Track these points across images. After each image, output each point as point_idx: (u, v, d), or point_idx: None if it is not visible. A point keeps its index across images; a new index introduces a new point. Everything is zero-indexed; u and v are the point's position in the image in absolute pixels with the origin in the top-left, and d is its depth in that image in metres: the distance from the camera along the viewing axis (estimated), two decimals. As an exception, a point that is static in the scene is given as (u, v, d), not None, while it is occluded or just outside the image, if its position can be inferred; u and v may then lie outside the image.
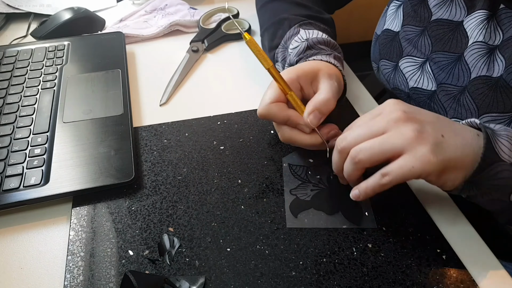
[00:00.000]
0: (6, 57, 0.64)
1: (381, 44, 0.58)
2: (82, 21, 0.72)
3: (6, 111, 0.54)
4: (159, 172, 0.47)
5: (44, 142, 0.49)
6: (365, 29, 1.18)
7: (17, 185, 0.44)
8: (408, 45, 0.53)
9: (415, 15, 0.52)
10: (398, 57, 0.55)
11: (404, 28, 0.54)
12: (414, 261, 0.39)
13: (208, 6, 0.81)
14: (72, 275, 0.38)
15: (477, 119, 0.39)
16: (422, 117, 0.37)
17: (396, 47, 0.55)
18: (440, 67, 0.49)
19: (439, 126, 0.37)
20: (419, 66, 0.52)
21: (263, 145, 0.51)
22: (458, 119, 0.48)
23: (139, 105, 0.58)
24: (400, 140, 0.36)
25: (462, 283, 0.37)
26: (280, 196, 0.45)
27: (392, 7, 0.57)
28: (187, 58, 0.66)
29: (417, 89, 0.52)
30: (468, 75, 0.46)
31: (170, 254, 0.39)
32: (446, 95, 0.49)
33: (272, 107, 0.44)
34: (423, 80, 0.51)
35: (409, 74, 0.53)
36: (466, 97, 0.46)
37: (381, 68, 0.58)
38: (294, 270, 0.38)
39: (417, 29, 0.52)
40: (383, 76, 0.58)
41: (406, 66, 0.54)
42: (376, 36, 0.60)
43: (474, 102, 0.46)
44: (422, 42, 0.51)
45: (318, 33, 0.54)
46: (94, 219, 0.43)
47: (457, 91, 0.47)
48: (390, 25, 0.57)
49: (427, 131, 0.36)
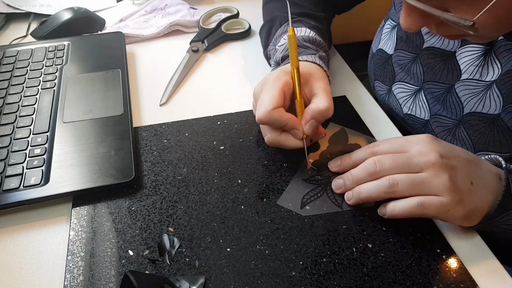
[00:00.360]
0: (6, 57, 0.64)
1: (375, 65, 0.58)
2: (82, 21, 0.72)
3: (6, 111, 0.54)
4: (159, 172, 0.47)
5: (44, 142, 0.49)
6: (365, 29, 1.18)
7: (17, 185, 0.44)
8: (400, 71, 0.53)
9: (408, 41, 0.51)
10: (391, 81, 0.55)
11: (397, 53, 0.53)
12: (414, 261, 0.39)
13: (208, 6, 0.81)
14: (72, 275, 0.38)
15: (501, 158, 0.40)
16: (455, 162, 0.39)
17: (389, 71, 0.54)
18: (434, 98, 0.48)
19: (469, 172, 0.39)
20: (412, 94, 0.51)
21: (263, 145, 0.51)
22: None
23: (139, 105, 0.58)
24: (438, 184, 0.38)
25: (462, 283, 0.37)
26: (280, 196, 0.45)
27: (388, 26, 0.56)
28: (187, 58, 0.66)
29: (411, 116, 0.52)
30: (461, 109, 0.45)
31: (170, 254, 0.39)
32: (441, 126, 0.48)
33: (274, 113, 0.43)
34: (416, 108, 0.51)
35: (402, 100, 0.53)
36: (462, 132, 0.46)
37: (376, 89, 0.58)
38: (294, 270, 0.38)
39: (409, 55, 0.51)
40: (379, 96, 0.58)
41: (399, 92, 0.53)
42: (371, 53, 0.60)
43: (469, 137, 0.45)
44: (415, 70, 0.51)
45: (306, 30, 0.54)
46: (94, 219, 0.43)
47: (452, 124, 0.47)
48: (384, 45, 0.56)
49: (459, 179, 0.38)
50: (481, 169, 0.39)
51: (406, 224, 0.42)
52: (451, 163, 0.38)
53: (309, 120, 0.44)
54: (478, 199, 0.38)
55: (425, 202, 0.38)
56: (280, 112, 0.44)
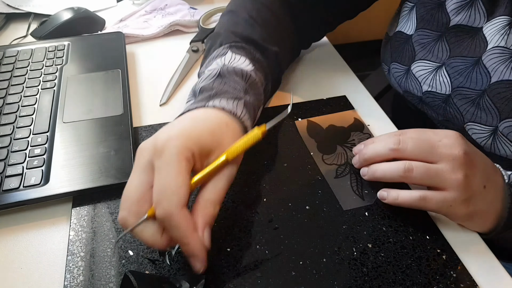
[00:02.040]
0: (6, 57, 0.64)
1: (392, 47, 0.56)
2: (82, 21, 0.72)
3: (6, 111, 0.54)
4: (159, 172, 0.47)
5: (44, 142, 0.49)
6: (365, 29, 1.18)
7: (17, 185, 0.44)
8: (421, 50, 0.52)
9: (431, 19, 0.50)
10: (410, 61, 0.54)
11: (418, 32, 0.52)
12: (414, 261, 0.39)
13: (208, 6, 0.81)
14: (72, 275, 0.38)
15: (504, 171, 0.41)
16: (476, 162, 0.39)
17: (409, 51, 0.54)
18: (457, 71, 0.48)
19: (485, 176, 0.39)
20: (432, 70, 0.51)
21: (263, 145, 0.51)
22: (476, 123, 0.48)
23: (139, 105, 0.58)
24: (451, 179, 0.38)
25: (462, 283, 0.37)
26: (280, 196, 0.45)
27: (405, 8, 0.55)
28: (187, 58, 0.66)
29: (431, 92, 0.52)
30: (488, 79, 0.45)
31: (170, 254, 0.39)
32: (463, 98, 0.48)
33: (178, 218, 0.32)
34: (437, 84, 0.50)
35: (422, 78, 0.52)
36: (486, 101, 0.46)
37: (392, 71, 0.57)
38: (294, 270, 0.38)
39: (433, 33, 0.51)
40: (394, 79, 0.57)
41: (418, 70, 0.53)
42: (387, 37, 0.58)
43: (495, 105, 0.45)
44: (439, 48, 0.50)
45: (244, 60, 0.45)
46: (94, 219, 0.43)
47: (476, 95, 0.47)
48: (403, 27, 0.55)
49: (474, 179, 0.38)
50: (497, 177, 0.40)
51: (406, 224, 0.42)
52: (473, 162, 0.39)
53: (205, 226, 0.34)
54: (486, 204, 0.39)
55: (427, 196, 0.39)
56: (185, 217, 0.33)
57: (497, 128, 0.46)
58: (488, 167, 0.40)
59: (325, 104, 0.56)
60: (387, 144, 0.41)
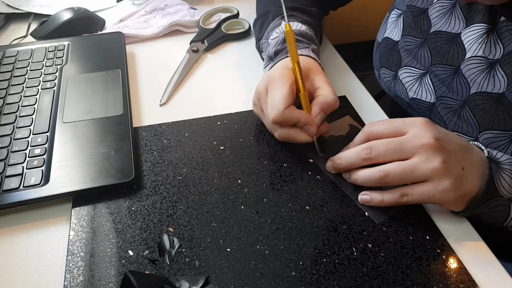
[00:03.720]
0: (6, 57, 0.64)
1: (381, 52, 0.58)
2: (82, 21, 0.72)
3: (6, 111, 0.54)
4: (159, 172, 0.47)
5: (44, 142, 0.49)
6: (365, 29, 1.18)
7: (17, 185, 0.44)
8: (407, 56, 0.53)
9: (416, 26, 0.52)
10: (397, 66, 0.55)
11: (404, 39, 0.54)
12: (414, 261, 0.39)
13: (208, 6, 0.81)
14: (72, 275, 0.38)
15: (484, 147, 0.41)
16: (449, 145, 0.39)
17: (395, 56, 0.55)
18: (440, 80, 0.49)
19: (461, 157, 0.39)
20: (417, 78, 0.52)
21: (263, 145, 0.51)
22: (458, 133, 0.48)
23: (139, 105, 0.58)
24: (429, 170, 0.38)
25: (462, 283, 0.37)
26: (280, 196, 0.45)
27: (393, 15, 0.57)
28: (187, 58, 0.66)
29: (416, 100, 0.52)
30: (467, 89, 0.46)
31: (170, 254, 0.39)
32: (446, 108, 0.49)
33: (287, 112, 0.45)
34: (422, 91, 0.51)
35: (408, 84, 0.53)
36: (467, 112, 0.46)
37: (381, 76, 0.58)
38: (294, 270, 0.38)
39: (417, 40, 0.52)
40: (384, 84, 0.58)
41: (405, 76, 0.54)
42: (377, 43, 0.60)
43: (474, 117, 0.46)
44: (422, 54, 0.51)
45: (298, 24, 0.55)
46: (94, 219, 0.43)
47: (457, 105, 0.47)
48: (390, 33, 0.56)
49: (451, 163, 0.38)
50: (473, 155, 0.40)
51: (406, 224, 0.42)
52: (445, 146, 0.39)
53: (319, 112, 0.46)
54: (468, 184, 0.39)
55: (408, 193, 0.40)
56: (293, 110, 0.45)
57: (477, 140, 0.47)
58: (463, 147, 0.40)
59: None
60: (359, 154, 0.42)
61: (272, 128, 0.49)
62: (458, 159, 0.39)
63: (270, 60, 0.54)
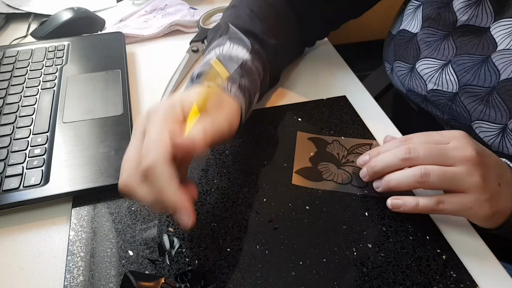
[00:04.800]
0: (6, 57, 0.64)
1: (396, 45, 0.56)
2: (82, 21, 0.72)
3: (6, 111, 0.54)
4: (159, 172, 0.47)
5: (44, 142, 0.49)
6: (365, 29, 1.18)
7: (17, 185, 0.44)
8: (427, 48, 0.52)
9: (438, 18, 0.50)
10: (415, 59, 0.53)
11: (424, 30, 0.52)
12: (414, 261, 0.39)
13: (208, 6, 0.81)
14: (72, 275, 0.38)
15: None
16: (488, 161, 0.39)
17: (413, 49, 0.53)
18: (464, 69, 0.48)
19: (498, 173, 0.39)
20: (438, 68, 0.50)
21: (263, 145, 0.51)
22: (484, 121, 0.47)
23: (139, 105, 0.58)
24: (469, 181, 0.38)
25: (462, 283, 0.37)
26: (280, 196, 0.45)
27: (410, 6, 0.55)
28: (187, 58, 0.66)
29: (436, 91, 0.51)
30: (497, 76, 0.45)
31: (170, 254, 0.39)
32: (471, 96, 0.48)
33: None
34: (443, 82, 0.50)
35: (427, 76, 0.52)
36: (496, 98, 0.45)
37: (395, 70, 0.57)
38: (294, 270, 0.38)
39: (439, 32, 0.50)
40: (397, 78, 0.57)
41: (424, 68, 0.52)
42: (390, 36, 0.58)
43: (505, 103, 0.45)
44: (446, 46, 0.50)
45: (242, 50, 0.46)
46: (94, 219, 0.43)
47: (484, 92, 0.46)
48: (407, 25, 0.54)
49: (490, 178, 0.38)
50: (507, 172, 0.40)
51: (406, 224, 0.42)
52: (485, 161, 0.39)
53: None
54: (505, 200, 0.39)
55: (445, 200, 0.39)
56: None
57: (507, 126, 0.46)
58: (499, 164, 0.40)
59: (325, 104, 0.56)
60: (397, 154, 0.40)
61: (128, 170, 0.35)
62: (495, 174, 0.39)
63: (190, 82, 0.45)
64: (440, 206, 0.39)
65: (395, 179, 0.40)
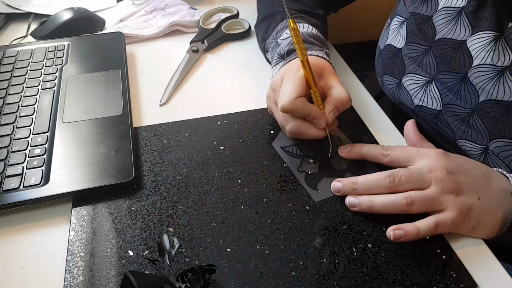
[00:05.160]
0: (6, 57, 0.64)
1: (383, 59, 0.57)
2: (82, 21, 0.72)
3: (6, 111, 0.54)
4: (159, 172, 0.47)
5: (44, 142, 0.49)
6: (365, 29, 1.18)
7: (17, 185, 0.44)
8: (411, 63, 0.53)
9: (420, 34, 0.51)
10: (401, 74, 0.54)
11: (408, 46, 0.53)
12: (414, 261, 0.39)
13: (208, 6, 0.81)
14: (72, 275, 0.38)
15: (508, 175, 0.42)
16: (462, 178, 0.41)
17: (399, 64, 0.54)
18: (447, 88, 0.48)
19: (477, 187, 0.41)
20: (422, 85, 0.51)
21: (263, 145, 0.51)
22: (467, 141, 0.48)
23: (139, 105, 0.58)
24: (446, 201, 0.40)
25: (462, 283, 0.37)
26: (280, 196, 0.45)
27: (396, 22, 0.56)
28: (187, 58, 0.66)
29: (422, 107, 0.52)
30: (476, 97, 0.45)
31: (170, 254, 0.39)
32: (454, 115, 0.48)
33: (297, 101, 0.45)
34: (428, 99, 0.51)
35: (413, 92, 0.53)
36: (476, 120, 0.46)
37: (385, 83, 0.58)
38: (294, 270, 0.38)
39: (421, 47, 0.51)
40: (388, 91, 0.58)
41: (409, 84, 0.53)
42: (379, 50, 0.60)
43: (484, 125, 0.45)
44: (427, 62, 0.51)
45: (308, 27, 0.55)
46: (94, 219, 0.43)
47: (466, 113, 0.47)
48: (392, 40, 0.56)
49: (466, 195, 0.40)
50: (491, 186, 0.41)
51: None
52: (458, 179, 0.40)
53: (333, 109, 0.47)
54: (486, 215, 0.40)
55: (439, 220, 0.39)
56: (304, 101, 0.46)
57: (488, 148, 0.46)
58: (479, 178, 0.41)
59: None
60: (380, 182, 0.42)
61: (284, 121, 0.48)
62: (472, 190, 0.40)
63: (281, 58, 0.55)
64: (437, 230, 0.40)
65: (380, 204, 0.41)
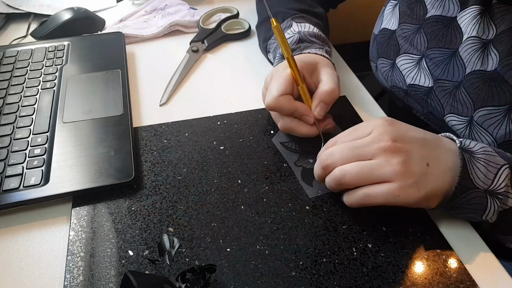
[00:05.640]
0: (6, 57, 0.64)
1: (378, 43, 0.58)
2: (82, 21, 0.72)
3: (6, 111, 0.54)
4: (159, 172, 0.47)
5: (44, 142, 0.49)
6: (365, 30, 1.18)
7: (17, 185, 0.44)
8: (404, 43, 0.54)
9: (411, 13, 0.53)
10: (395, 54, 0.55)
11: (401, 26, 0.54)
12: (414, 261, 0.39)
13: (208, 6, 0.81)
14: (72, 275, 0.38)
15: (456, 138, 0.41)
16: (408, 145, 0.39)
17: (393, 45, 0.56)
18: (435, 63, 0.50)
19: (425, 154, 0.39)
20: (415, 63, 0.52)
21: (263, 145, 0.51)
22: (454, 114, 0.48)
23: (139, 105, 0.58)
24: (388, 170, 0.37)
25: (462, 283, 0.37)
26: (280, 196, 0.45)
27: (389, 6, 0.58)
28: (187, 58, 0.66)
29: (414, 86, 0.53)
30: (463, 70, 0.47)
31: (170, 254, 0.39)
32: (442, 91, 0.49)
33: (281, 99, 0.46)
34: (420, 76, 0.52)
35: (406, 71, 0.54)
36: (462, 92, 0.47)
37: (379, 67, 0.59)
38: (294, 270, 0.38)
39: (413, 26, 0.53)
40: (381, 74, 0.59)
41: (403, 63, 0.54)
42: (373, 36, 0.61)
43: (469, 96, 0.46)
44: (418, 39, 0.52)
45: (310, 26, 0.57)
46: (94, 219, 0.43)
47: (453, 87, 0.48)
48: (387, 24, 0.57)
49: (413, 162, 0.38)
50: (439, 150, 0.39)
51: (406, 224, 0.42)
52: (404, 147, 0.38)
53: (318, 103, 0.47)
54: (435, 180, 0.38)
55: (371, 193, 0.38)
56: (288, 98, 0.47)
57: (472, 118, 0.46)
58: (426, 143, 0.40)
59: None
60: (319, 163, 0.42)
61: (275, 118, 0.50)
62: (420, 156, 0.38)
63: (282, 58, 0.55)
64: (366, 200, 0.39)
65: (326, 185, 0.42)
